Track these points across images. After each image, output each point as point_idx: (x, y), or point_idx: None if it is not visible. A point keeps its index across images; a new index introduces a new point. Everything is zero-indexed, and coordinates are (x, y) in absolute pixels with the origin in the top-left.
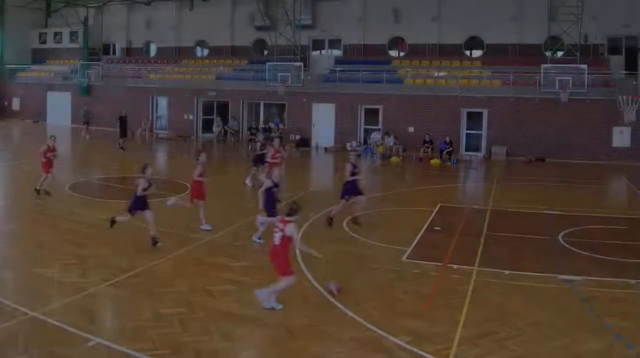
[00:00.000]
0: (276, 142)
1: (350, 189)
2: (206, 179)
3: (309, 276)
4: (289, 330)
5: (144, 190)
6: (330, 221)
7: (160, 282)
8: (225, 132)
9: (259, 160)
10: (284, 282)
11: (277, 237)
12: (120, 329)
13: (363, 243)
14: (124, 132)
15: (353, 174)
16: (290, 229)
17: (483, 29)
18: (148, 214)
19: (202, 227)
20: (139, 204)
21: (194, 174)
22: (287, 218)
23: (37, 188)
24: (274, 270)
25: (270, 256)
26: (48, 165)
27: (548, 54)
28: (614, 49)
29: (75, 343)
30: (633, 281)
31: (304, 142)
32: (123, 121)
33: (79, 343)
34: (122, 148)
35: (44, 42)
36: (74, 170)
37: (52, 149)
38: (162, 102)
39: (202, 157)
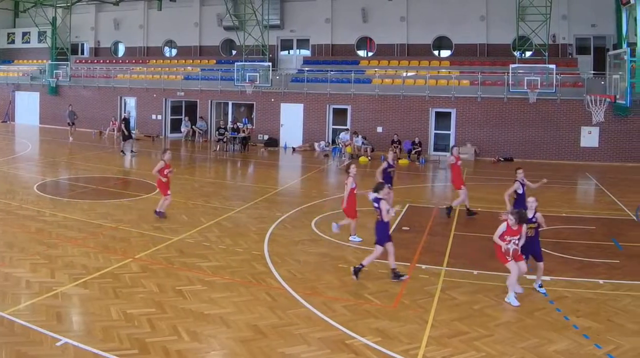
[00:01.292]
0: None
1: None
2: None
3: (277, 275)
4: (258, 330)
5: (161, 171)
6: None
7: (130, 282)
8: (194, 132)
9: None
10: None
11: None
12: (89, 329)
13: (331, 243)
14: (129, 135)
15: (386, 170)
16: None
17: (451, 29)
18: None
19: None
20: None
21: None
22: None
23: (158, 209)
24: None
25: None
26: (167, 185)
27: (516, 54)
28: (582, 49)
29: (44, 343)
30: (601, 281)
31: (273, 142)
32: (127, 123)
33: (48, 343)
34: (121, 151)
35: (12, 42)
36: (43, 170)
37: (168, 166)
38: (131, 102)
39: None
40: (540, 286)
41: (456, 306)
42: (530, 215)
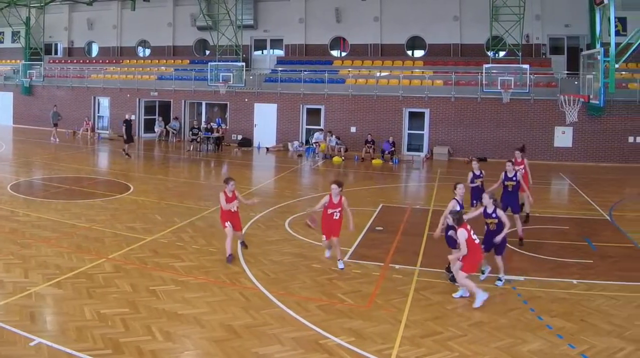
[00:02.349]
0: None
1: (475, 195)
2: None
3: (251, 275)
4: (232, 330)
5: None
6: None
7: (103, 282)
8: (167, 132)
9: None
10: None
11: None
12: (62, 329)
13: (305, 244)
14: (129, 137)
15: (472, 181)
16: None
17: (425, 29)
18: None
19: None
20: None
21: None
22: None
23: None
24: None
25: None
26: (236, 218)
27: (490, 54)
28: (555, 49)
29: (17, 343)
30: (575, 281)
31: (246, 142)
32: (128, 125)
33: (21, 343)
34: (127, 154)
35: None
36: (17, 170)
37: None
38: (104, 102)
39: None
40: (499, 279)
41: (430, 306)
42: (490, 210)
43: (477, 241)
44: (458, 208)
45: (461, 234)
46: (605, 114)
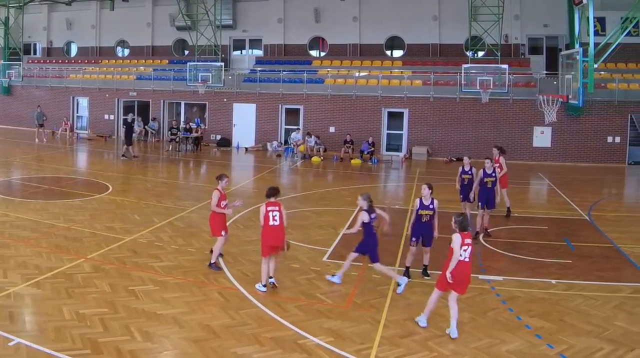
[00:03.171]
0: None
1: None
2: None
3: (229, 275)
4: (210, 330)
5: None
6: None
7: (82, 282)
8: (146, 132)
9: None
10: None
11: None
12: (41, 329)
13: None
14: (129, 139)
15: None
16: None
17: (404, 29)
18: None
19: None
20: None
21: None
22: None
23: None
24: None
25: None
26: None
27: (469, 54)
28: (534, 49)
29: None
30: (554, 281)
31: (225, 142)
32: (129, 126)
33: (0, 343)
34: (134, 156)
35: None
36: None
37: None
38: (83, 102)
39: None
40: (425, 270)
41: (409, 306)
42: (427, 201)
43: (465, 259)
44: (418, 207)
45: (455, 240)
46: (584, 114)
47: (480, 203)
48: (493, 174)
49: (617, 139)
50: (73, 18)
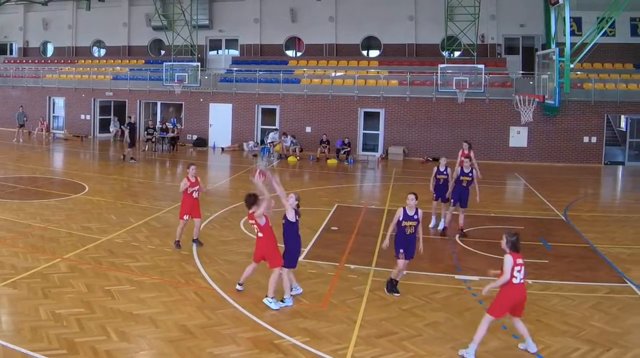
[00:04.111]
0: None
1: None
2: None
3: (206, 275)
4: (186, 330)
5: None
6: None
7: (58, 282)
8: (122, 132)
9: None
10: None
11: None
12: (17, 329)
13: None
14: (133, 141)
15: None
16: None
17: (380, 29)
18: None
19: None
20: None
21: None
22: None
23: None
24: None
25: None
26: (196, 206)
27: (445, 54)
28: (510, 49)
29: None
30: (530, 281)
31: (201, 142)
32: (132, 128)
33: None
34: (132, 158)
35: None
36: None
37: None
38: (59, 102)
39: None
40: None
41: (385, 306)
42: (411, 212)
43: (520, 281)
44: (401, 218)
45: (507, 261)
46: (560, 114)
47: (452, 201)
48: (470, 174)
49: (594, 139)
50: (49, 18)
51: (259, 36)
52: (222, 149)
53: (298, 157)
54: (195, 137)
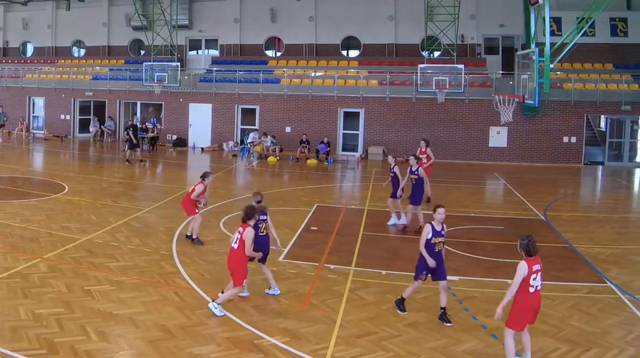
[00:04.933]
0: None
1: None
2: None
3: (186, 276)
4: (166, 330)
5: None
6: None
7: (38, 282)
8: (102, 132)
9: None
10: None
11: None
12: None
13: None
14: (137, 143)
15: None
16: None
17: (360, 29)
18: None
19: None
20: None
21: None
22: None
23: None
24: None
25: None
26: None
27: (425, 54)
28: (490, 49)
29: None
30: (509, 281)
31: (181, 142)
32: (136, 129)
33: None
34: (142, 160)
35: None
36: None
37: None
38: (39, 102)
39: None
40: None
41: (365, 306)
42: (439, 227)
43: (535, 289)
44: (430, 235)
45: (520, 268)
46: (540, 114)
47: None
48: (416, 172)
49: (573, 139)
50: (29, 18)
51: (238, 36)
52: (202, 149)
53: (278, 157)
54: (175, 137)
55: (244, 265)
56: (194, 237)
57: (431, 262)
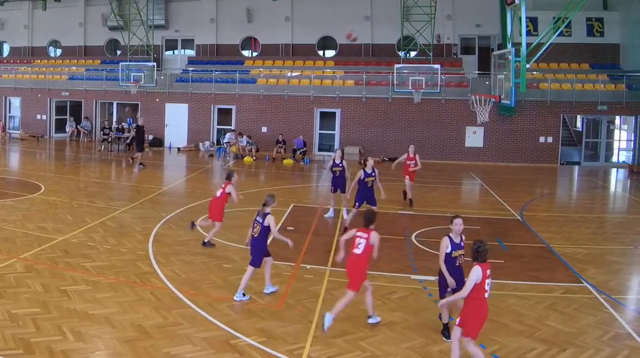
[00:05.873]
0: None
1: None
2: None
3: (162, 275)
4: (142, 330)
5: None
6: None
7: (14, 282)
8: (78, 132)
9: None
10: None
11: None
12: None
13: (216, 244)
14: (140, 145)
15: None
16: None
17: (336, 29)
18: None
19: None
20: None
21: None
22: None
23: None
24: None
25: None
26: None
27: (401, 54)
28: (466, 49)
29: None
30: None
31: (157, 142)
32: (140, 131)
33: None
34: (141, 164)
35: None
36: None
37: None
38: (15, 102)
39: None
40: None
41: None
42: (458, 239)
43: (488, 294)
44: (450, 248)
45: (474, 272)
46: (516, 114)
47: (357, 203)
48: (373, 174)
49: (550, 139)
50: (5, 18)
51: (215, 36)
52: (178, 149)
53: (254, 157)
54: (151, 137)
55: (365, 271)
56: (205, 241)
57: (451, 283)
